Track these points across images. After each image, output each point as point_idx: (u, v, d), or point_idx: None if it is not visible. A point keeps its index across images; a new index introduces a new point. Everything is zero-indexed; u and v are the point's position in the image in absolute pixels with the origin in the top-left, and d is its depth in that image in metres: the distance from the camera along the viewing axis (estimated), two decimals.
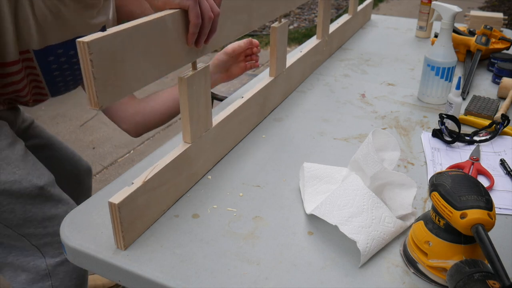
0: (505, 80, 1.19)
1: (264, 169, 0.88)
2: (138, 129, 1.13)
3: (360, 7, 1.75)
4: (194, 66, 0.75)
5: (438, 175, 0.62)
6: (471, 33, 1.45)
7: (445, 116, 0.98)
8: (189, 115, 0.76)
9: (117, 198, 0.64)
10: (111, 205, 0.64)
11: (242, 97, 0.96)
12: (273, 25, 1.01)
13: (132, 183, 0.67)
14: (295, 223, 0.73)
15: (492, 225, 0.55)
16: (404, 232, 0.71)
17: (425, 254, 0.62)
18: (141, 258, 0.66)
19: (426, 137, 0.99)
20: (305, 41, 1.62)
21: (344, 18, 1.63)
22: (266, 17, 0.97)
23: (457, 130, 0.97)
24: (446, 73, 1.11)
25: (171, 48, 0.68)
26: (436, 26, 1.78)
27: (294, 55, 1.24)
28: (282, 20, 1.04)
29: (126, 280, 0.66)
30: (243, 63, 1.18)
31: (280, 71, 1.09)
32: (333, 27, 1.48)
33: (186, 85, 0.73)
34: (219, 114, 0.89)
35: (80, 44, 0.54)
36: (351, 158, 0.79)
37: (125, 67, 0.60)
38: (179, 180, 0.77)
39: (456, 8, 1.07)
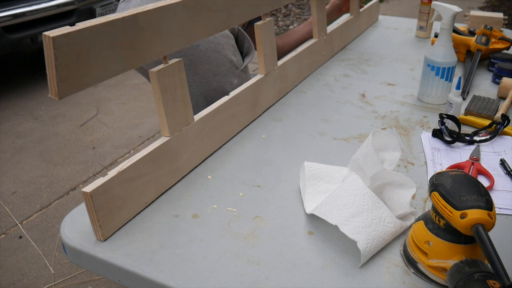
0: (505, 80, 1.19)
1: (264, 169, 0.88)
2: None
3: (365, 8, 1.75)
4: (165, 61, 0.76)
5: (438, 175, 0.62)
6: (471, 33, 1.45)
7: (445, 116, 0.98)
8: (164, 108, 0.76)
9: (90, 187, 0.65)
10: (84, 194, 0.65)
11: (229, 94, 0.96)
12: (256, 23, 1.01)
13: (107, 174, 0.68)
14: (295, 223, 0.73)
15: (492, 225, 0.55)
16: (404, 232, 0.71)
17: (425, 254, 0.62)
18: (141, 258, 0.66)
19: (426, 137, 0.99)
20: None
21: (345, 18, 1.63)
22: (247, 15, 0.97)
23: (457, 130, 0.97)
24: (446, 73, 1.11)
25: (141, 43, 0.69)
26: (436, 26, 1.78)
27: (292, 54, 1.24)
28: (267, 18, 1.03)
29: (127, 280, 0.66)
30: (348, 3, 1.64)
31: (270, 69, 1.09)
32: (332, 27, 1.48)
33: (156, 79, 0.73)
34: (203, 110, 0.90)
35: (46, 39, 0.54)
36: (351, 158, 0.79)
37: (89, 61, 0.61)
38: (161, 173, 0.78)
39: (456, 8, 1.07)
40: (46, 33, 0.54)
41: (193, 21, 0.80)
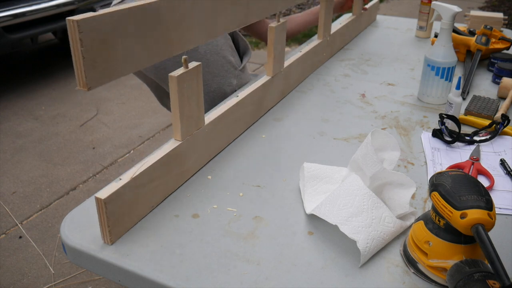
0: (505, 80, 1.19)
1: (264, 169, 0.88)
2: None
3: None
4: (186, 65, 0.75)
5: (438, 175, 0.62)
6: (471, 33, 1.45)
7: (445, 116, 0.98)
8: (179, 113, 0.76)
9: (103, 193, 0.64)
10: (97, 200, 0.64)
11: (237, 96, 0.96)
12: (270, 24, 1.01)
13: (120, 179, 0.68)
14: (295, 223, 0.73)
15: (492, 225, 0.55)
16: (404, 232, 0.71)
17: (425, 254, 0.62)
18: (141, 258, 0.66)
19: (426, 137, 0.99)
20: (305, 41, 1.62)
21: (347, 18, 1.63)
22: (264, 11, 0.97)
23: (457, 130, 0.97)
24: (446, 73, 1.11)
25: (165, 35, 0.69)
26: (436, 26, 1.78)
27: (294, 55, 1.24)
28: (281, 20, 1.04)
29: (127, 280, 0.66)
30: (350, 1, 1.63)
31: (277, 71, 1.09)
32: (335, 27, 1.48)
33: (176, 83, 0.73)
34: (212, 112, 0.89)
35: (70, 23, 0.54)
36: (351, 158, 0.79)
37: (116, 49, 0.61)
38: (169, 177, 0.78)
39: (456, 8, 1.07)
40: (70, 18, 0.53)
41: (214, 15, 0.80)
